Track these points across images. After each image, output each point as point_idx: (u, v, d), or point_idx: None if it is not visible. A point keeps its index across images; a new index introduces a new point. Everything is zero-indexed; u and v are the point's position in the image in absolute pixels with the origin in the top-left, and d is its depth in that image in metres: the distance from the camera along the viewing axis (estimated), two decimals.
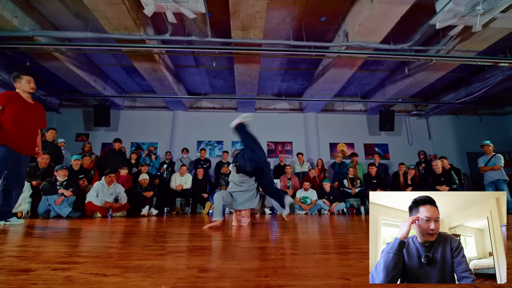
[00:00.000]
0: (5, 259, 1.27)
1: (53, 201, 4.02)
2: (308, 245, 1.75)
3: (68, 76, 6.26)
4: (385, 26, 4.37)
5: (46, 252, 1.43)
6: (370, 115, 8.73)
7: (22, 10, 4.43)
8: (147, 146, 7.84)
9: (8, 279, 0.93)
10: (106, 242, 1.84)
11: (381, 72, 7.13)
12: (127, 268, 1.10)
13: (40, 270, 1.05)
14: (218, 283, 0.90)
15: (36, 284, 0.88)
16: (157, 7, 3.79)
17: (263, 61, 6.16)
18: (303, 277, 0.97)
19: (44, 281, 0.90)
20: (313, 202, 5.74)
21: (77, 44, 5.00)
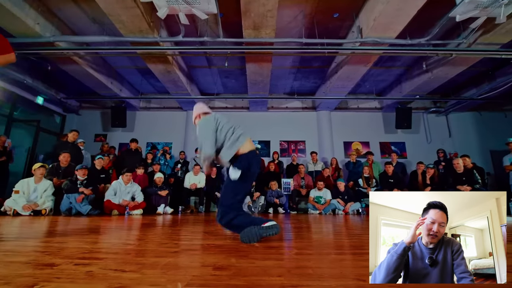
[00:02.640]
0: (31, 254, 1.34)
1: (74, 199, 4.19)
2: (323, 245, 1.74)
3: (87, 79, 6.50)
4: (401, 20, 4.24)
5: (69, 248, 1.50)
6: (386, 113, 8.50)
7: (44, 17, 4.62)
8: (162, 146, 8.00)
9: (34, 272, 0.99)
10: (124, 239, 1.90)
11: (397, 68, 6.93)
12: (144, 264, 1.13)
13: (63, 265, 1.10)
14: (232, 281, 0.91)
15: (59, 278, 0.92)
16: (170, 9, 3.86)
17: (275, 59, 6.14)
18: (317, 277, 0.97)
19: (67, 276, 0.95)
20: (327, 202, 5.67)
21: (94, 48, 5.17)
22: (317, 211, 5.58)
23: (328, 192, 5.77)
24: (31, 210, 3.95)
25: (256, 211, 5.67)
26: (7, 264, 1.10)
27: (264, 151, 8.31)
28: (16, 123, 6.77)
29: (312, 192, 5.87)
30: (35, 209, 4.00)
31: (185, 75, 6.72)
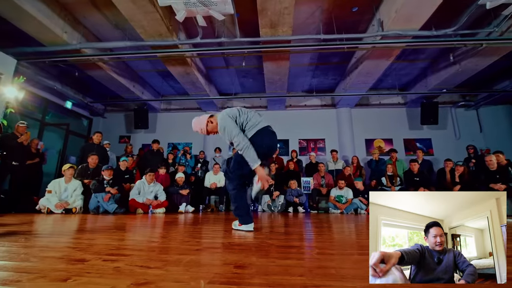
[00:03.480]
0: (64, 249, 1.42)
1: (102, 198, 4.40)
2: (345, 245, 1.69)
3: (111, 83, 6.80)
4: (426, 11, 4.04)
5: (97, 244, 1.57)
6: (410, 108, 8.15)
7: (70, 25, 4.89)
8: (182, 146, 8.20)
9: (67, 267, 1.04)
10: (148, 236, 1.96)
11: (422, 61, 6.62)
12: (168, 261, 1.16)
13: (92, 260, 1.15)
14: (253, 279, 0.91)
15: (90, 272, 0.97)
16: (188, 12, 3.93)
17: (293, 57, 6.07)
18: (340, 278, 0.94)
19: (97, 271, 0.99)
20: (348, 201, 5.53)
21: (117, 53, 5.40)
22: (338, 211, 5.46)
23: (350, 191, 5.63)
24: (62, 209, 4.19)
25: (275, 210, 5.64)
26: (42, 259, 1.17)
27: (282, 150, 8.26)
28: (47, 126, 7.22)
29: (333, 191, 5.75)
30: (66, 207, 4.25)
31: (203, 76, 6.83)
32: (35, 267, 1.03)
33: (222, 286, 0.84)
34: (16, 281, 0.86)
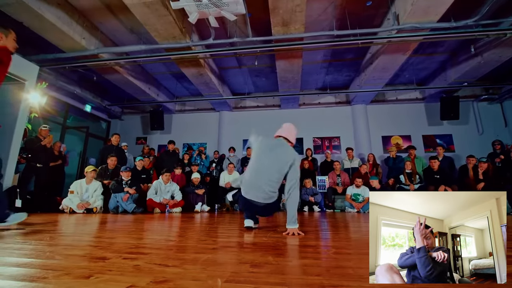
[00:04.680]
0: (86, 248, 1.48)
1: (121, 198, 4.53)
2: (362, 245, 1.66)
3: (127, 86, 6.99)
4: (444, 1, 3.87)
5: (117, 243, 1.62)
6: (429, 103, 7.85)
7: (88, 31, 5.06)
8: (197, 146, 8.31)
9: (89, 265, 1.08)
10: (165, 235, 2.00)
11: (440, 54, 6.36)
12: (185, 260, 1.17)
13: (113, 258, 1.19)
14: (270, 279, 0.91)
15: (111, 270, 1.00)
16: (200, 14, 3.97)
17: (306, 55, 6.00)
18: (358, 278, 0.92)
19: (118, 268, 1.02)
20: (365, 199, 5.42)
21: (133, 56, 5.54)
22: (355, 210, 5.36)
23: (367, 190, 5.50)
24: (84, 209, 4.35)
25: None
26: (66, 257, 1.22)
27: (297, 148, 8.18)
28: (69, 129, 7.53)
29: (349, 189, 5.64)
30: (87, 207, 4.41)
31: (216, 77, 6.89)
32: (59, 265, 1.07)
33: (239, 285, 0.84)
34: (43, 277, 0.90)
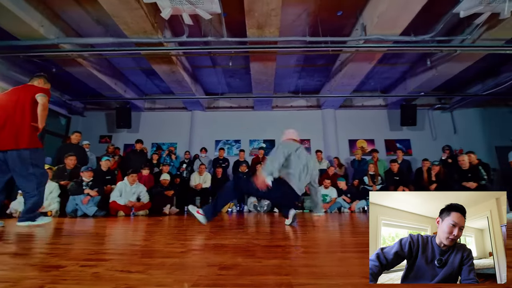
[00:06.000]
0: (37, 256, 1.35)
1: (80, 201, 4.22)
2: (329, 244, 1.72)
3: (91, 81, 6.54)
4: (405, 17, 4.19)
5: (75, 249, 1.50)
6: (391, 110, 8.42)
7: (48, 19, 4.66)
8: (167, 146, 8.04)
9: (40, 274, 0.98)
10: (130, 240, 1.90)
11: (402, 65, 6.86)
12: (151, 265, 1.12)
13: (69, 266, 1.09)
14: (239, 280, 0.90)
15: (66, 279, 0.92)
16: (174, 10, 3.86)
17: (279, 58, 6.11)
18: (324, 276, 0.95)
19: (73, 277, 0.94)
20: (332, 200, 5.63)
21: (99, 49, 5.21)
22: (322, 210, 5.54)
23: (334, 191, 5.74)
24: None
25: (261, 210, 5.65)
26: (14, 267, 1.10)
27: (269, 150, 8.27)
28: None
29: None
30: (41, 211, 4.03)
31: (189, 75, 6.73)
32: (5, 276, 0.96)
33: None
34: None
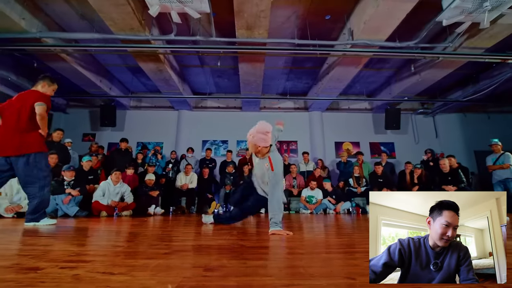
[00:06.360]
0: (14, 257, 1.29)
1: (61, 201, 4.08)
2: (313, 245, 1.74)
3: (75, 77, 6.34)
4: (391, 24, 4.32)
5: (54, 250, 1.45)
6: (376, 114, 8.65)
7: (30, 12, 4.48)
8: (152, 145, 7.89)
9: (17, 277, 0.95)
10: (112, 241, 1.86)
11: (387, 70, 7.05)
12: (134, 266, 1.10)
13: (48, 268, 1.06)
14: (223, 282, 0.90)
15: (44, 282, 0.89)
16: (162, 8, 3.81)
17: (268, 60, 6.14)
18: (309, 277, 0.97)
19: (52, 279, 0.91)
20: (318, 201, 5.72)
21: (83, 45, 5.06)
22: (308, 211, 5.62)
23: (320, 192, 5.82)
24: (14, 212, 3.81)
25: None
26: None
27: None
28: None
29: (304, 191, 5.90)
30: (18, 211, 3.86)
31: (177, 74, 6.65)
32: None
33: None
34: None
